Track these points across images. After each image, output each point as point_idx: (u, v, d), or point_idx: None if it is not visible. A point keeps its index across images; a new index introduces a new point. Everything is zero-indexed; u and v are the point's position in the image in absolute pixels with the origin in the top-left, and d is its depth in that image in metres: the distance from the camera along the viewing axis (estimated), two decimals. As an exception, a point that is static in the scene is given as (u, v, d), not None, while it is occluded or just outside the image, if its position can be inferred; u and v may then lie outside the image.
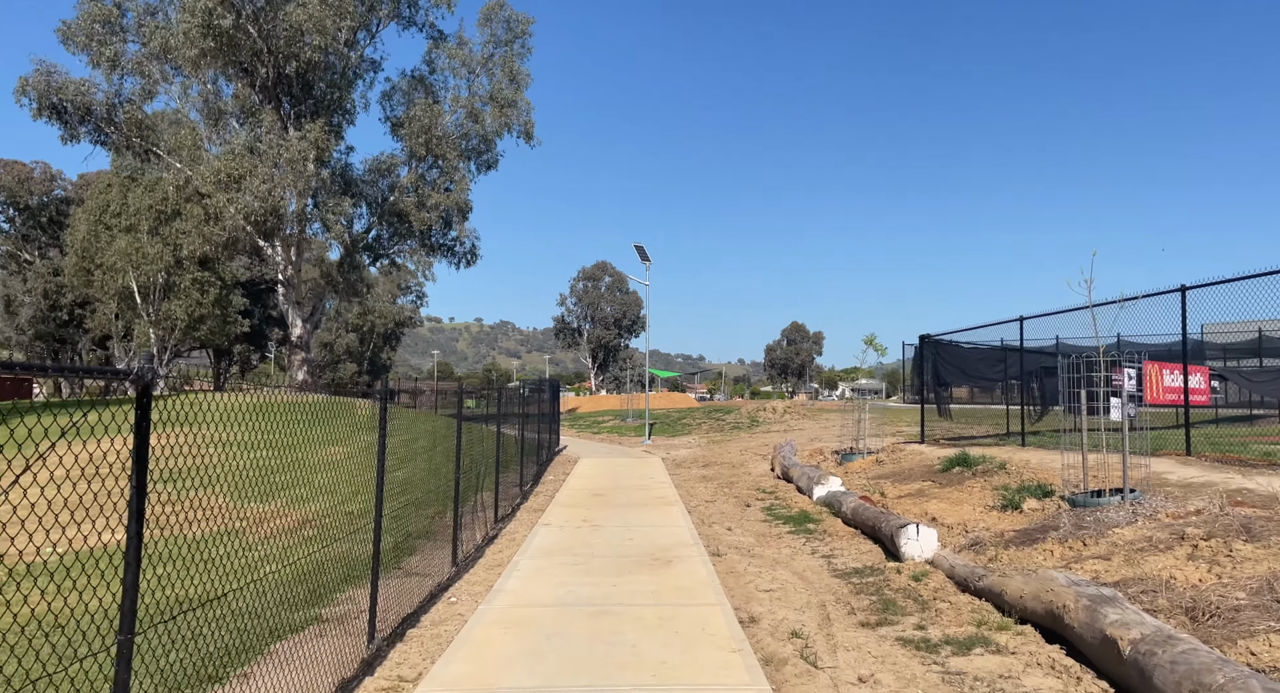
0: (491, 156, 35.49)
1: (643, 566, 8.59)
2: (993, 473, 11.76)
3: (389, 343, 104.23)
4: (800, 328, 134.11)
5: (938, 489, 11.88)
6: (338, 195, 28.81)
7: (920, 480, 12.84)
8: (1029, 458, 12.34)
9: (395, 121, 32.80)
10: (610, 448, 26.64)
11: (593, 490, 15.18)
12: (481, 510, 11.75)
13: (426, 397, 29.51)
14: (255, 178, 25.42)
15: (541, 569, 8.57)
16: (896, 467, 14.71)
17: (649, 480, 16.67)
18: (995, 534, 8.53)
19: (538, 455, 18.85)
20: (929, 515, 10.18)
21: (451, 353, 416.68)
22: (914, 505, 10.93)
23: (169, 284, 54.20)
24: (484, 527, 11.24)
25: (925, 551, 8.18)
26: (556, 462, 20.90)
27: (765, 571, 8.46)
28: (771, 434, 26.82)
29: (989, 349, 19.17)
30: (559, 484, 16.41)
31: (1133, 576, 6.25)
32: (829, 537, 10.16)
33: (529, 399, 18.44)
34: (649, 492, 14.91)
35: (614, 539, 10.15)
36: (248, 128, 27.42)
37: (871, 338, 16.24)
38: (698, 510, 12.78)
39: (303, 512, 11.83)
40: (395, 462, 11.13)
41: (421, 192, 32.48)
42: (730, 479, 16.80)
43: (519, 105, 33.08)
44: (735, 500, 13.84)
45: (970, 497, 10.75)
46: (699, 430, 31.07)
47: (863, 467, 15.53)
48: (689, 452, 23.63)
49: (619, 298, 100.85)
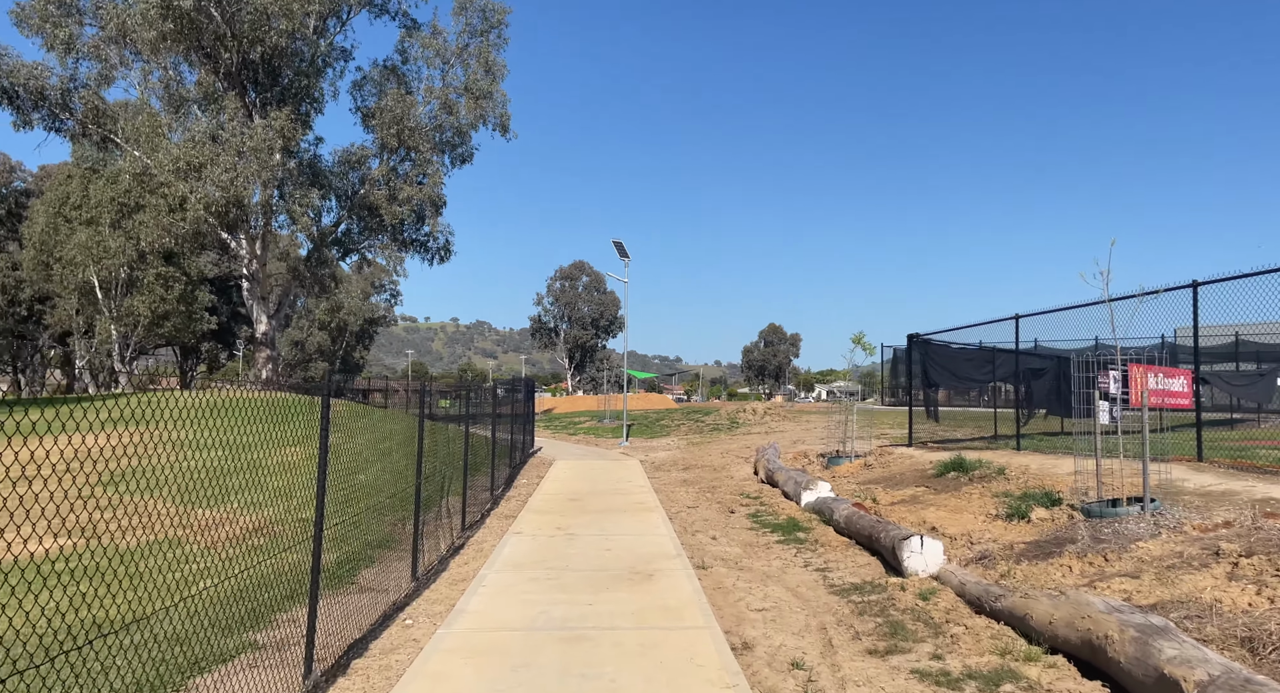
0: (466, 150, 34.59)
1: (622, 581, 7.83)
2: (991, 479, 11.14)
3: (362, 342, 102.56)
4: (778, 330, 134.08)
5: (933, 496, 11.24)
6: (305, 186, 27.76)
7: (913, 486, 12.21)
8: (1027, 463, 11.75)
9: (366, 112, 31.78)
10: (587, 450, 25.86)
11: (568, 495, 14.39)
12: (448, 517, 10.93)
13: (400, 396, 28.57)
14: (217, 166, 24.31)
15: (510, 585, 7.78)
16: (886, 471, 14.08)
17: (627, 485, 15.92)
18: (1004, 547, 7.87)
19: (511, 458, 18.03)
20: (928, 525, 9.53)
21: (427, 353, 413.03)
22: (910, 513, 10.28)
23: (132, 279, 52.57)
24: (450, 535, 10.42)
25: (930, 565, 7.50)
26: (531, 464, 20.09)
27: (756, 586, 7.73)
28: (752, 436, 26.17)
29: (978, 350, 18.66)
30: (533, 488, 15.60)
31: (1170, 598, 5.60)
32: (821, 547, 9.47)
33: (502, 399, 17.62)
34: (627, 497, 14.15)
35: (590, 550, 9.38)
36: (210, 115, 26.28)
37: (859, 337, 15.64)
38: (679, 517, 12.04)
39: (255, 518, 10.91)
40: (359, 464, 10.30)
41: (393, 184, 31.49)
42: (712, 483, 16.09)
43: (494, 97, 32.21)
44: (719, 506, 13.12)
45: (970, 504, 10.11)
46: (678, 432, 30.36)
47: (851, 471, 14.88)
48: (668, 454, 22.91)
49: (596, 298, 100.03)
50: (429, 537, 9.75)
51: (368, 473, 11.48)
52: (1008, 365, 19.73)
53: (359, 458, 10.37)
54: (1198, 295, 10.64)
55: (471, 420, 14.52)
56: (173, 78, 28.80)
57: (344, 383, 60.53)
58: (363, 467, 11.69)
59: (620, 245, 27.29)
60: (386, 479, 10.60)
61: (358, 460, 9.91)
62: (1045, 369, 21.42)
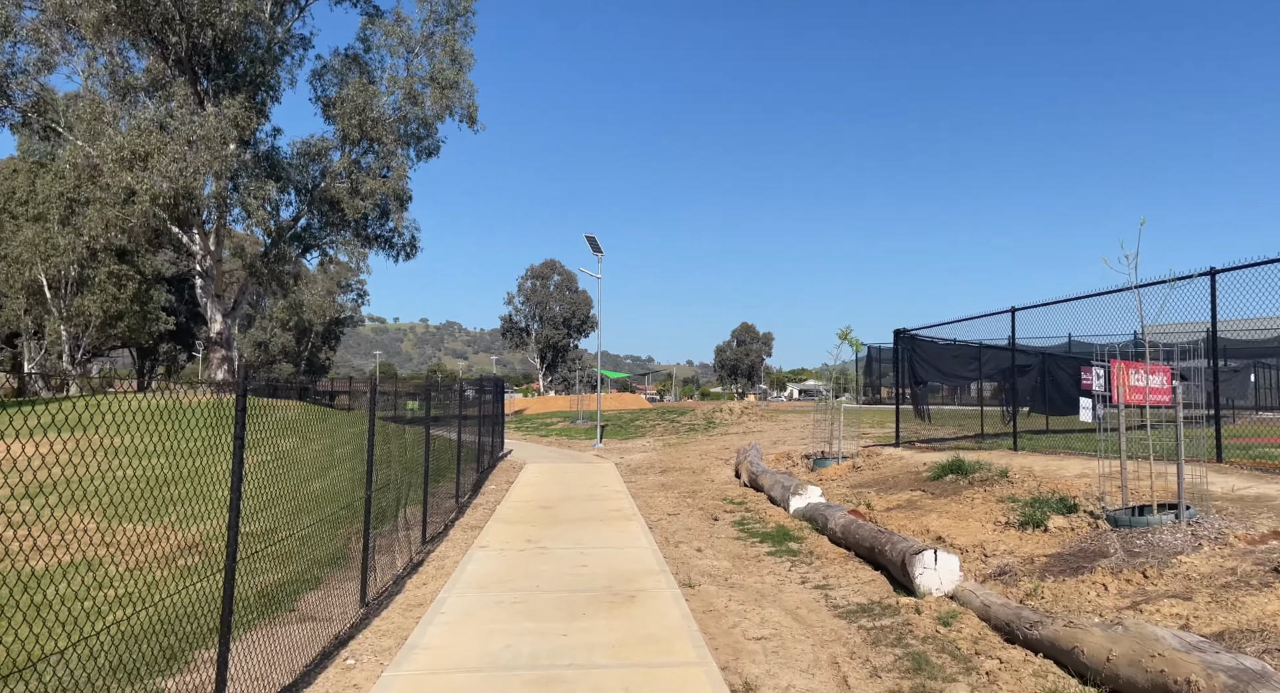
0: (433, 142, 33.40)
1: (600, 604, 6.93)
2: (993, 482, 10.41)
3: (328, 343, 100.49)
4: (750, 329, 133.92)
5: (931, 500, 10.49)
6: (261, 178, 26.43)
7: (909, 490, 11.45)
8: (1029, 464, 11.04)
9: (327, 102, 30.49)
10: (559, 452, 24.89)
11: (540, 502, 13.45)
12: (406, 530, 9.96)
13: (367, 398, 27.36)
14: (164, 156, 22.93)
15: (472, 611, 6.84)
16: (877, 473, 13.33)
17: (603, 490, 15.01)
18: (1023, 560, 7.10)
19: (478, 462, 17.03)
20: (932, 534, 8.75)
21: (396, 354, 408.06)
22: (910, 521, 9.50)
23: (82, 278, 50.49)
24: (409, 550, 9.45)
25: (945, 582, 6.70)
26: (500, 468, 19.09)
27: (751, 608, 6.88)
28: (730, 437, 25.38)
29: (965, 346, 18.03)
30: (501, 495, 14.64)
31: (1237, 625, 4.83)
32: (818, 560, 8.64)
33: (469, 399, 16.62)
34: (603, 503, 13.25)
35: (564, 566, 8.47)
36: (158, 102, 24.87)
37: (847, 332, 14.86)
38: (660, 526, 11.17)
39: (190, 533, 9.84)
40: (313, 471, 9.33)
41: (355, 178, 30.23)
42: (692, 488, 15.25)
43: (461, 87, 31.08)
44: (701, 513, 12.27)
45: (974, 511, 9.36)
46: (653, 433, 29.50)
47: (839, 473, 14.12)
48: (644, 456, 22.03)
49: (568, 297, 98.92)
50: (383, 552, 8.78)
51: (326, 480, 10.47)
52: (998, 362, 19.15)
53: (312, 466, 9.42)
54: (1215, 284, 9.98)
55: (435, 423, 13.56)
56: (119, 65, 27.30)
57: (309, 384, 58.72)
58: (318, 473, 10.66)
59: (593, 240, 26.37)
60: (344, 487, 9.65)
61: (311, 468, 8.98)
62: (1030, 366, 20.92)
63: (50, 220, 43.41)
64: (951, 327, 15.94)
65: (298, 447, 7.74)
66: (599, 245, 26.42)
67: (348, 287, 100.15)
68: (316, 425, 17.94)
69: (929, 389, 19.70)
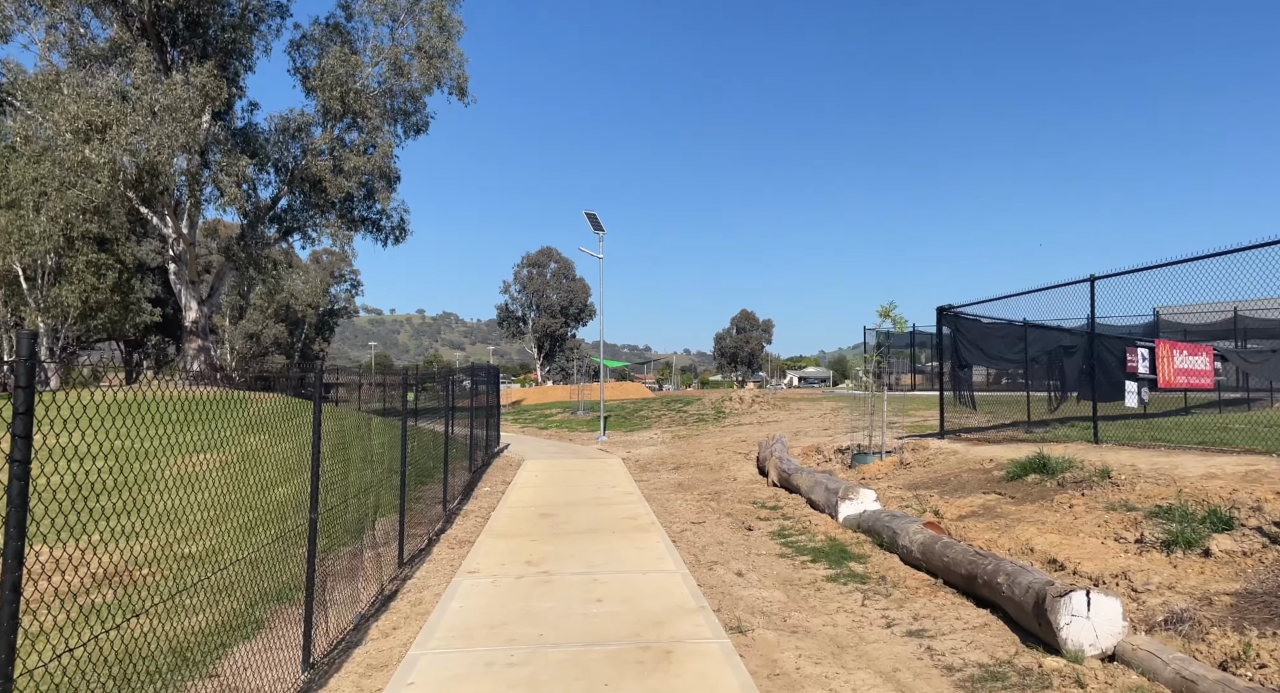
0: (421, 118, 31.43)
1: (626, 666, 5.10)
2: (1090, 484, 8.59)
3: (321, 334, 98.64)
4: (750, 316, 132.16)
5: (1014, 506, 8.66)
6: (234, 153, 24.43)
7: (979, 492, 9.63)
8: (1130, 461, 9.21)
9: (306, 73, 28.46)
10: (560, 446, 23.06)
11: (540, 508, 11.62)
12: (377, 549, 8.14)
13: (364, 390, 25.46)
14: (124, 127, 20.94)
15: (451, 684, 5.00)
16: (931, 471, 11.51)
17: (612, 491, 13.19)
18: (1197, 600, 5.28)
19: (471, 459, 15.20)
20: (1036, 552, 6.93)
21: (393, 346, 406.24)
22: (999, 534, 7.68)
23: (60, 267, 48.46)
24: (380, 576, 7.61)
25: (1102, 636, 4.87)
26: (496, 466, 17.26)
27: (832, 670, 5.06)
28: (744, 427, 23.57)
29: (1012, 325, 16.18)
30: (497, 498, 12.82)
31: None
32: (895, 589, 6.82)
33: (461, 389, 14.78)
34: (614, 509, 11.42)
35: (574, 601, 6.64)
36: (118, 69, 22.84)
37: (888, 308, 12.94)
38: (685, 539, 9.35)
39: (116, 556, 7.89)
40: (281, 475, 7.53)
41: (338, 155, 28.26)
42: (713, 488, 13.42)
43: (450, 56, 29.08)
44: (730, 521, 10.45)
45: (1080, 523, 7.53)
46: (659, 424, 27.68)
47: (884, 471, 12.30)
48: (653, 450, 20.21)
49: (565, 285, 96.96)
50: (344, 578, 6.96)
51: (289, 486, 8.64)
52: (1045, 343, 17.32)
53: (280, 469, 7.63)
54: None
55: (421, 417, 11.73)
56: (80, 33, 25.24)
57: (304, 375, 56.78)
58: (285, 478, 8.81)
59: (594, 217, 24.45)
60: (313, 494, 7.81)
61: (279, 471, 7.21)
62: (1075, 347, 19.09)
63: (24, 207, 41.39)
64: (1004, 303, 14.07)
65: (264, 447, 5.83)
66: (600, 223, 24.51)
67: (341, 277, 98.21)
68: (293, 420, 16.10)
69: (972, 373, 17.80)
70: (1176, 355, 19.66)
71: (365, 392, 9.30)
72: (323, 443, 7.18)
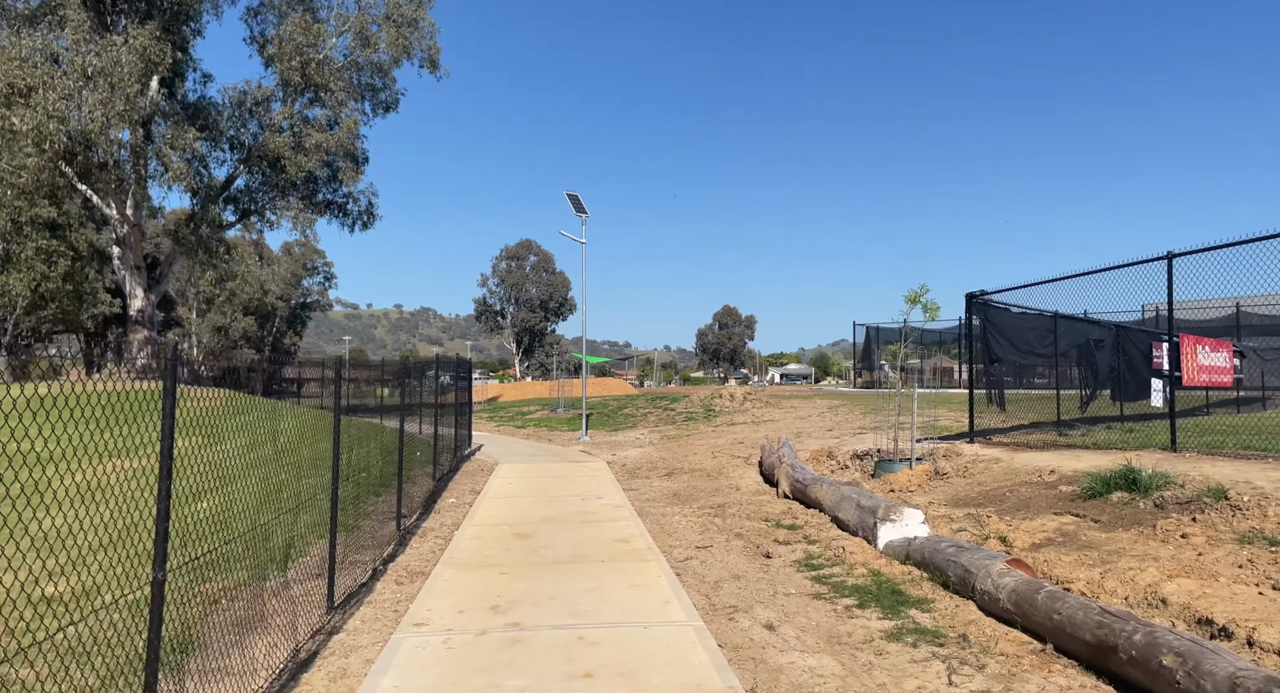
0: (390, 95, 29.34)
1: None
2: (1202, 506, 6.89)
3: (293, 327, 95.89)
4: (732, 312, 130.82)
5: (1103, 534, 6.95)
6: (181, 125, 22.25)
7: (1048, 513, 7.91)
8: (1244, 477, 7.52)
9: (263, 42, 26.28)
10: (539, 448, 21.19)
11: (514, 526, 9.77)
12: (305, 585, 6.31)
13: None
14: (51, 91, 18.74)
15: None
16: (976, 484, 9.79)
17: (598, 503, 11.36)
18: None
19: (435, 464, 13.31)
20: (1163, 601, 5.22)
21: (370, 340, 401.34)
22: (1099, 573, 5.95)
23: (7, 254, 45.72)
24: (297, 630, 5.75)
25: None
26: (465, 471, 15.37)
27: None
28: (738, 427, 21.82)
29: (1041, 316, 14.54)
30: (463, 512, 10.95)
31: None
32: (988, 658, 5.05)
33: (424, 383, 12.87)
34: (601, 527, 9.60)
35: (553, 680, 4.80)
36: (45, 28, 20.58)
37: (918, 294, 11.14)
38: (691, 571, 7.55)
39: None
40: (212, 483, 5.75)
41: (299, 131, 26.12)
42: (714, 499, 11.64)
43: (420, 26, 27.02)
44: (742, 544, 8.66)
45: (1209, 560, 5.82)
46: (645, 423, 25.87)
47: (916, 481, 10.56)
48: (641, 452, 18.39)
49: (545, 279, 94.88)
50: (245, 633, 5.10)
51: (214, 499, 6.70)
52: (1074, 337, 15.72)
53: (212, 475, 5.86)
54: None
55: (377, 416, 9.86)
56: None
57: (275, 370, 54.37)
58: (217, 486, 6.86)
59: (575, 198, 22.57)
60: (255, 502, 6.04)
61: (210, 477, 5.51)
62: (1104, 341, 17.53)
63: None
64: (1051, 288, 12.36)
65: (194, 449, 4.56)
66: (582, 205, 22.62)
67: (313, 269, 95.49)
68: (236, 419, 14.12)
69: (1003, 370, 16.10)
70: (1200, 351, 18.16)
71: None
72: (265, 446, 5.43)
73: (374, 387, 10.02)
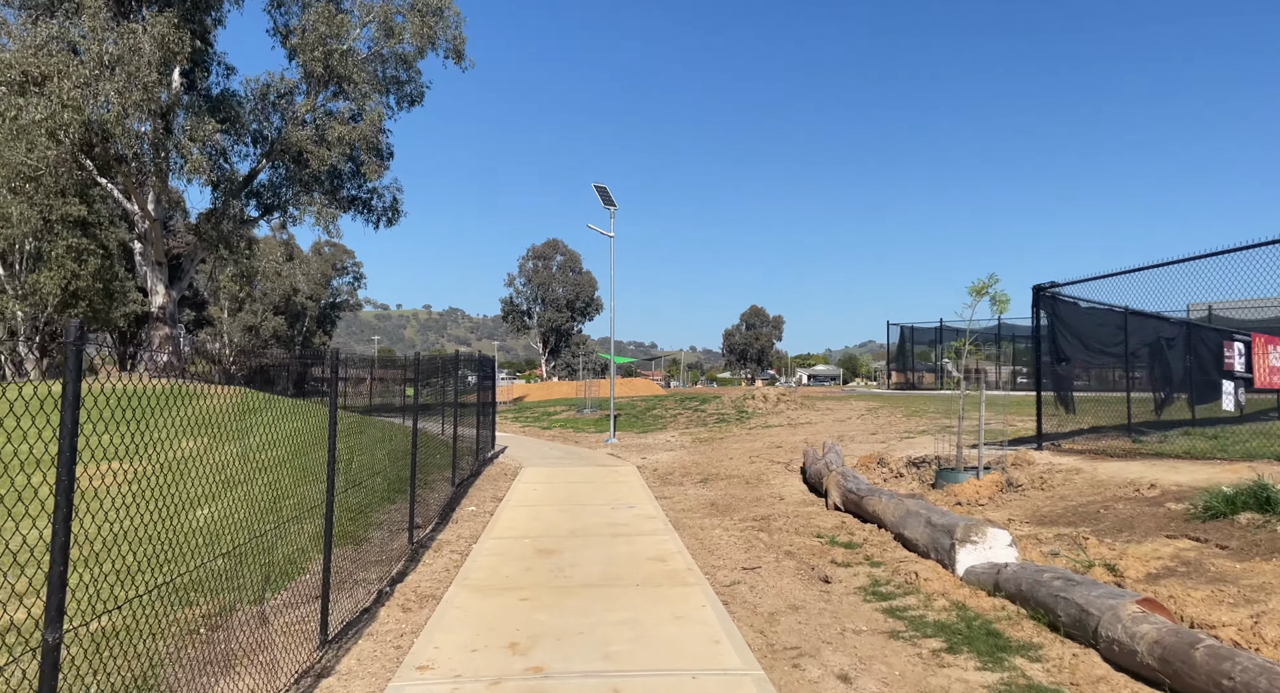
0: (415, 88, 28.64)
1: None
2: (1361, 531, 5.73)
3: (323, 327, 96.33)
4: (760, 312, 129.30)
5: (1236, 564, 5.82)
6: (201, 116, 21.67)
7: (1159, 535, 6.77)
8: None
9: (285, 32, 25.68)
10: (565, 450, 20.27)
11: (537, 540, 8.81)
12: (297, 609, 5.42)
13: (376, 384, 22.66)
14: (66, 80, 18.19)
15: None
16: (1058, 498, 8.65)
17: (630, 514, 10.37)
18: None
19: (455, 468, 12.41)
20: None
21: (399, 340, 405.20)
22: (1247, 615, 4.85)
23: (39, 252, 45.89)
24: (284, 671, 4.83)
25: None
26: (487, 475, 14.46)
27: None
28: (774, 430, 20.72)
29: (1111, 312, 13.29)
30: (483, 523, 10.02)
31: None
32: (1135, 731, 3.99)
33: (444, 381, 11.96)
34: (635, 543, 8.61)
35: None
36: (63, 15, 20.07)
37: (984, 285, 9.95)
38: (740, 598, 6.54)
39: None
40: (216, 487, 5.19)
41: (321, 124, 25.48)
42: (756, 510, 10.60)
43: (445, 16, 26.27)
44: (795, 565, 7.62)
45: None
46: (675, 425, 24.85)
47: (985, 493, 9.42)
48: (672, 456, 17.38)
49: (572, 278, 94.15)
50: (218, 676, 4.19)
51: (210, 508, 5.84)
52: (1144, 336, 14.46)
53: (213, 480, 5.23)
54: None
55: (399, 416, 8.98)
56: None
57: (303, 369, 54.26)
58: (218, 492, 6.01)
59: (604, 191, 21.63)
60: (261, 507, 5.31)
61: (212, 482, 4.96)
62: (1175, 339, 16.20)
63: (-1, 189, 38.85)
64: (1134, 279, 11.13)
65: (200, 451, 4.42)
66: (611, 197, 21.67)
67: (343, 269, 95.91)
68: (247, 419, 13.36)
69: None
70: (1272, 352, 16.77)
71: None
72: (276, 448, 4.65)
73: (386, 385, 9.15)
